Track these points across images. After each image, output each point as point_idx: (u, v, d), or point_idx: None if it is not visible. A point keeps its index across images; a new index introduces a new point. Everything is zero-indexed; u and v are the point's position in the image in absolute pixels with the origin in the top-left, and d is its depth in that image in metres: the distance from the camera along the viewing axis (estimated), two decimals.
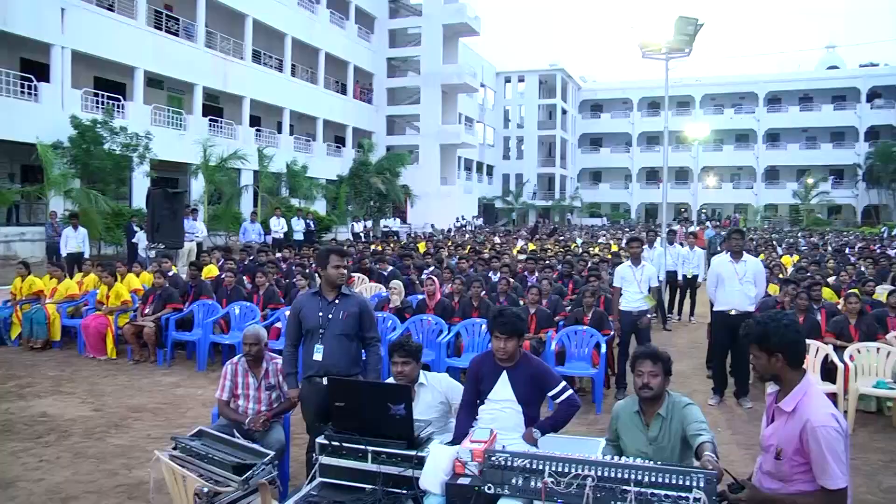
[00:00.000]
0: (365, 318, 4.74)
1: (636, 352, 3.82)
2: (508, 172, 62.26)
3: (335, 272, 4.65)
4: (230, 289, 9.98)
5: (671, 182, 57.81)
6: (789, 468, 2.95)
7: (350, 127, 40.58)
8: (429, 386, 4.54)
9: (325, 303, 4.68)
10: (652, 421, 3.67)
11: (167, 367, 8.99)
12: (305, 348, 4.72)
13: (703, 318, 12.89)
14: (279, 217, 21.05)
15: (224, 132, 29.80)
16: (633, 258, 8.45)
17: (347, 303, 4.71)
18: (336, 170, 34.85)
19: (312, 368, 4.65)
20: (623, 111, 65.63)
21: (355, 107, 41.50)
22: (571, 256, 14.65)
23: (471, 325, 8.37)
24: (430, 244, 20.43)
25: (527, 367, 4.19)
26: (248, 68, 31.42)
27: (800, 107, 59.86)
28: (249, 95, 31.40)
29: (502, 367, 4.20)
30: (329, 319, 4.63)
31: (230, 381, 5.03)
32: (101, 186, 20.02)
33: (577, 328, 8.09)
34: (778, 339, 2.98)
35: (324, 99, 37.71)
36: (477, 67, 50.42)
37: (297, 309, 4.78)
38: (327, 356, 4.60)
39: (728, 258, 7.64)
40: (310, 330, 4.67)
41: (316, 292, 4.78)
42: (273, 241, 20.11)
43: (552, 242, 23.29)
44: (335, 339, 4.62)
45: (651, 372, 3.67)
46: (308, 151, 35.56)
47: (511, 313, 4.16)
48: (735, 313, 7.47)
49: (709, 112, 60.65)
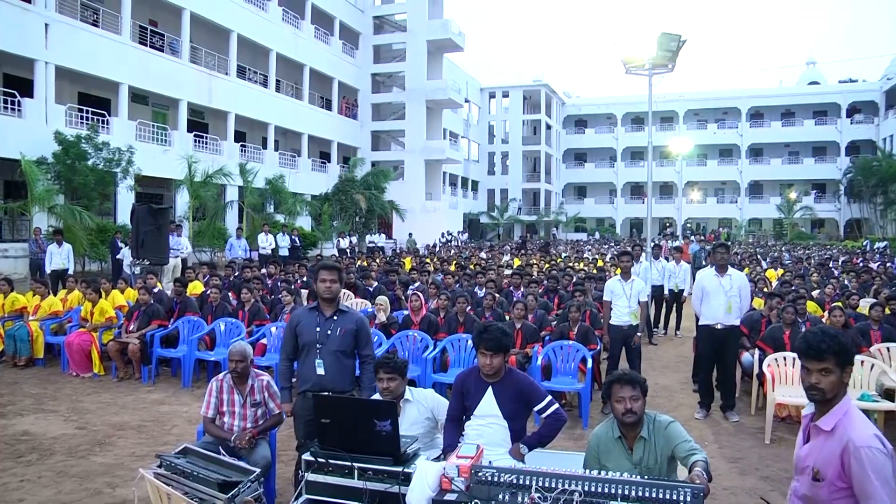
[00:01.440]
0: (361, 336, 4.76)
1: (612, 377, 3.75)
2: (493, 187, 62.54)
3: (321, 286, 4.69)
4: (215, 305, 9.95)
5: (656, 197, 58.53)
6: (828, 493, 2.70)
7: (335, 142, 40.64)
8: (415, 402, 4.52)
9: (323, 318, 4.70)
10: (635, 444, 3.65)
11: (152, 384, 8.91)
12: (301, 363, 4.73)
13: (688, 332, 12.94)
14: (267, 233, 21.06)
15: (209, 147, 29.80)
16: (623, 272, 8.47)
17: (345, 319, 4.73)
18: (321, 185, 34.86)
19: (308, 383, 4.65)
20: (607, 126, 66.25)
21: (340, 122, 41.61)
22: (557, 271, 14.70)
23: (456, 340, 8.37)
24: (416, 259, 20.42)
25: (512, 382, 4.20)
26: (233, 83, 31.44)
27: (782, 122, 60.64)
28: (234, 111, 31.40)
29: (488, 382, 4.21)
30: (326, 335, 4.65)
31: (215, 397, 5.00)
32: (85, 202, 19.91)
33: (563, 343, 8.10)
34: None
35: (308, 114, 37.80)
36: (461, 83, 50.74)
37: (294, 323, 4.78)
38: (320, 372, 4.61)
39: (713, 272, 7.69)
40: (306, 345, 4.68)
41: (314, 307, 4.79)
42: (260, 258, 20.08)
43: (538, 257, 23.34)
44: (331, 356, 4.64)
45: (632, 397, 3.63)
46: (293, 167, 35.62)
47: (497, 329, 4.17)
48: (720, 327, 7.53)
49: (692, 127, 61.42)
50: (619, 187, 63.97)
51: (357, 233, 31.84)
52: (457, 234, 44.12)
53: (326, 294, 4.69)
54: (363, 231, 32.54)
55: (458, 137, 54.82)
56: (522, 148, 61.78)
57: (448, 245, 36.70)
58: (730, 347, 7.64)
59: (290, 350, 4.79)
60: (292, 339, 4.76)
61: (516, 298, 9.80)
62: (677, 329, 13.70)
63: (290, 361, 4.83)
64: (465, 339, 8.23)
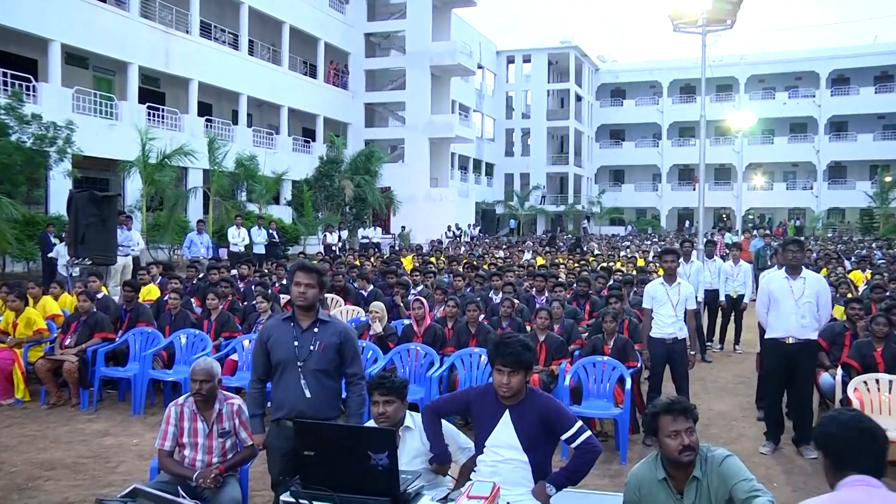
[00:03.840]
0: (347, 351, 4.77)
1: (659, 407, 3.70)
2: (512, 172, 62.63)
3: (294, 291, 4.72)
4: (174, 313, 9.95)
5: (709, 182, 58.17)
6: None
7: (320, 117, 40.65)
8: (417, 430, 4.52)
9: (300, 331, 4.72)
10: (686, 486, 3.62)
11: (93, 412, 8.88)
12: (275, 385, 4.75)
13: (749, 346, 12.94)
14: (239, 227, 21.10)
15: (167, 123, 29.80)
16: (666, 274, 8.45)
17: (326, 331, 4.73)
18: (305, 168, 34.86)
19: (283, 409, 4.66)
20: (650, 97, 66.15)
21: (327, 93, 41.63)
22: (588, 273, 14.68)
23: (467, 355, 8.37)
24: (418, 258, 20.42)
25: (534, 406, 4.20)
26: (195, 44, 31.48)
27: (875, 87, 59.40)
28: (197, 78, 31.41)
29: (504, 405, 4.21)
30: (309, 351, 4.67)
31: (174, 426, 5.01)
32: (7, 188, 19.71)
33: (596, 359, 8.09)
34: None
35: (289, 83, 37.78)
36: (474, 45, 50.65)
37: (266, 337, 4.80)
38: (298, 396, 4.63)
39: (783, 274, 7.64)
40: (280, 362, 4.70)
41: (288, 317, 4.81)
42: (230, 256, 20.09)
43: (564, 256, 23.31)
44: (311, 377, 4.65)
45: (688, 430, 3.59)
46: (270, 146, 35.66)
47: (516, 341, 4.17)
48: (792, 341, 7.48)
49: (756, 97, 61.21)
50: (664, 171, 63.90)
51: (348, 226, 31.89)
52: (467, 228, 44.07)
53: (300, 301, 4.71)
54: (355, 224, 32.58)
55: (470, 111, 54.81)
56: (547, 124, 61.74)
57: (457, 241, 36.66)
58: (805, 366, 7.59)
59: (261, 370, 4.81)
60: (263, 357, 4.78)
61: (540, 305, 9.79)
62: (736, 343, 13.66)
63: (262, 383, 4.85)
64: (478, 354, 8.23)
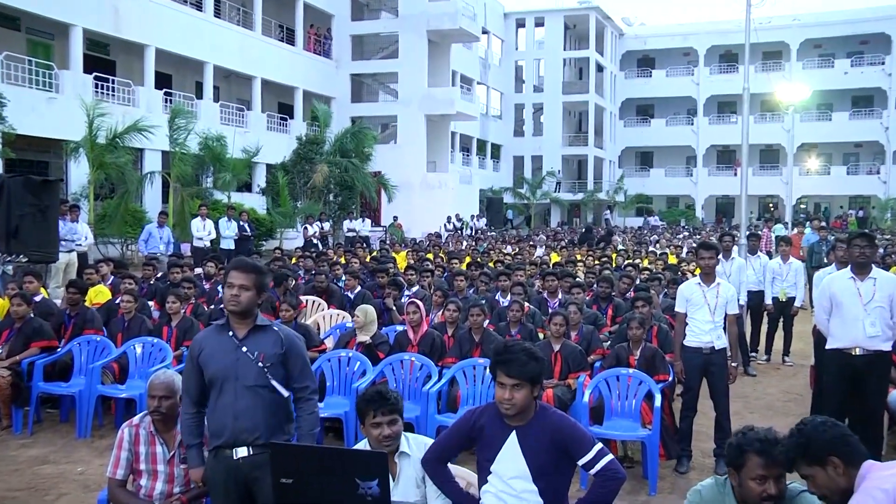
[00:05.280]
0: (292, 360, 4.76)
1: (755, 443, 3.70)
2: (522, 154, 62.79)
3: (226, 294, 4.71)
4: (129, 319, 9.97)
5: (754, 166, 57.98)
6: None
7: (299, 90, 40.72)
8: (413, 456, 4.52)
9: (237, 341, 4.69)
10: None
11: (28, 436, 8.84)
12: (212, 407, 4.73)
13: (801, 357, 12.96)
14: (204, 218, 21.11)
15: (118, 96, 29.73)
16: (703, 273, 8.42)
17: (266, 340, 4.72)
18: (282, 150, 34.75)
19: (222, 436, 4.64)
20: (684, 67, 66.22)
21: (307, 62, 41.70)
22: (611, 271, 14.67)
23: (470, 367, 8.40)
24: (413, 254, 20.39)
25: (545, 426, 4.21)
26: (151, 3, 31.33)
27: None
28: (154, 43, 31.31)
29: (511, 426, 4.22)
30: (244, 364, 4.64)
31: (128, 451, 5.02)
32: None
33: (619, 372, 8.11)
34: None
35: (262, 50, 37.76)
36: (478, 6, 50.50)
37: (196, 351, 4.78)
38: (239, 417, 4.60)
39: (848, 274, 7.61)
40: (216, 380, 4.67)
41: (224, 324, 4.78)
42: (194, 251, 20.08)
43: (582, 252, 23.29)
44: (248, 393, 4.62)
45: (779, 476, 3.65)
46: (241, 124, 35.64)
47: (520, 349, 4.18)
48: (860, 353, 7.46)
49: (811, 65, 61.11)
50: (699, 153, 63.99)
51: (331, 217, 31.84)
52: (470, 220, 44.06)
53: (232, 305, 4.68)
54: (340, 215, 32.53)
55: (473, 84, 54.87)
56: (563, 98, 61.67)
57: (458, 234, 36.66)
58: (873, 383, 7.55)
59: (194, 391, 4.80)
60: (196, 375, 4.76)
61: (554, 309, 9.77)
62: (785, 354, 13.65)
63: (197, 407, 4.82)
64: (483, 365, 8.24)
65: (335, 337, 10.33)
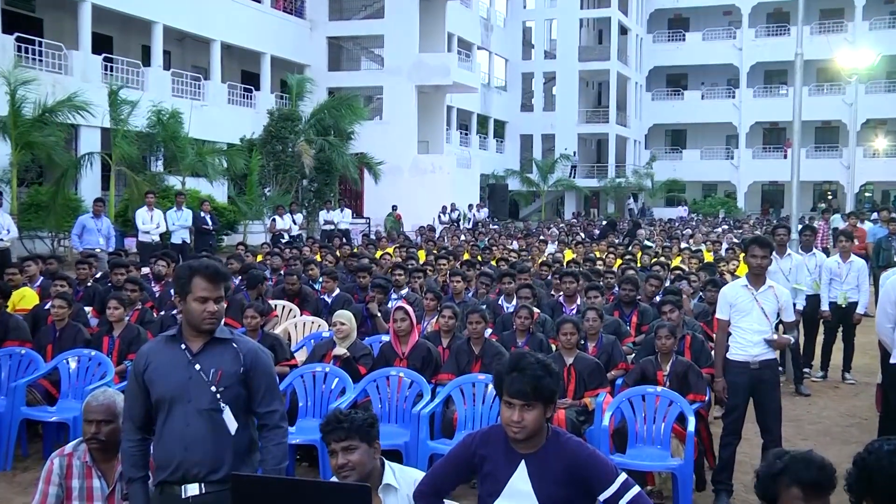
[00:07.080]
0: (256, 380, 4.71)
1: (791, 469, 3.57)
2: (531, 132, 62.87)
3: (199, 308, 4.61)
4: (61, 328, 9.96)
5: (808, 147, 57.94)
6: None
7: (267, 56, 40.71)
8: (401, 491, 4.54)
9: (189, 355, 4.67)
10: None
11: None
12: (159, 434, 4.67)
13: (865, 373, 12.97)
14: (151, 208, 21.09)
15: (46, 62, 29.56)
16: (752, 274, 8.35)
17: (224, 355, 4.69)
18: (245, 127, 34.71)
19: (168, 468, 4.59)
20: (724, 29, 65.98)
21: (276, 22, 41.65)
22: (636, 271, 14.72)
23: (469, 384, 8.40)
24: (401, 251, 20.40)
25: (559, 454, 4.23)
26: None
27: None
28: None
29: (520, 453, 4.24)
30: (197, 384, 4.59)
31: (58, 486, 5.02)
32: None
33: (646, 390, 8.13)
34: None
35: (222, 8, 37.61)
36: None
37: (142, 365, 4.72)
38: (190, 448, 4.55)
39: None
40: (164, 401, 4.62)
41: (175, 335, 4.76)
42: (141, 247, 20.10)
43: (602, 248, 23.31)
44: (202, 419, 4.59)
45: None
46: (197, 96, 35.58)
47: (532, 361, 4.18)
48: None
49: (879, 26, 60.75)
50: (742, 131, 64.02)
51: (305, 207, 31.85)
52: (469, 211, 44.08)
53: (208, 324, 4.63)
54: (315, 204, 32.52)
55: (473, 49, 54.69)
56: (579, 66, 61.67)
57: (455, 227, 36.66)
58: None
59: (138, 414, 4.74)
60: (141, 395, 4.69)
61: (567, 315, 9.84)
62: (846, 370, 13.62)
63: (143, 433, 4.76)
64: (484, 382, 8.24)
65: (309, 348, 10.27)
